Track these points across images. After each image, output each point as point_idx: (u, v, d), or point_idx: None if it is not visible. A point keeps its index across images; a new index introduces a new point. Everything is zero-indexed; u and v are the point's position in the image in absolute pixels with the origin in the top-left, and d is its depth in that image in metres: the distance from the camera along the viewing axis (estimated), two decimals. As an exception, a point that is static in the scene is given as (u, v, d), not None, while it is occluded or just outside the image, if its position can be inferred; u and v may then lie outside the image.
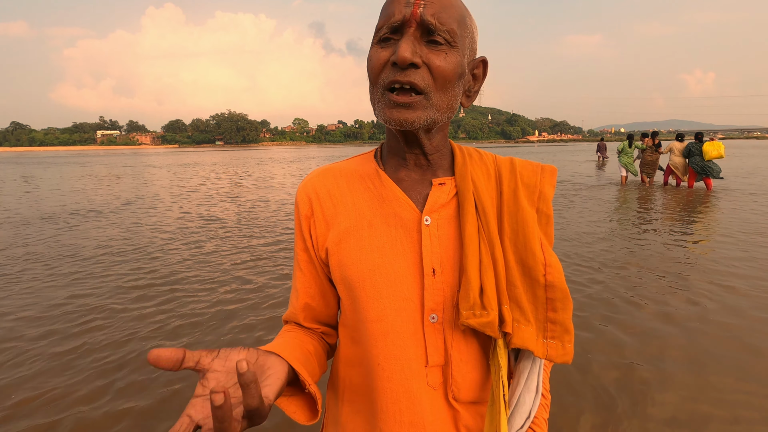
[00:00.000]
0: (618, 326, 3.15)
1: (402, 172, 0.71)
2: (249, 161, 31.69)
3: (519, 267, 0.66)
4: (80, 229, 7.04)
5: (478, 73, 0.69)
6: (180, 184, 14.59)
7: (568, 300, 0.65)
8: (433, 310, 0.65)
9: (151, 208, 9.20)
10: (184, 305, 3.69)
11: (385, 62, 0.61)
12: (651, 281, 4.08)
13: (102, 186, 14.33)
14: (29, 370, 2.67)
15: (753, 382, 2.44)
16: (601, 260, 4.75)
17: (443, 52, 0.60)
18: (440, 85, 0.61)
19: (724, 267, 4.41)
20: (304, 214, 0.73)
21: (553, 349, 0.64)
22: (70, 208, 9.35)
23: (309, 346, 0.72)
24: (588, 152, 36.61)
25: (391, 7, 0.60)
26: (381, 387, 0.66)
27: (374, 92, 0.64)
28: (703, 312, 3.35)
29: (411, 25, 0.59)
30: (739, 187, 10.69)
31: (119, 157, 49.41)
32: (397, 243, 0.67)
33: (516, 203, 0.69)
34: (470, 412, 0.67)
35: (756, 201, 8.50)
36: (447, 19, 0.60)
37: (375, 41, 0.63)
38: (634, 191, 10.38)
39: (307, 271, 0.76)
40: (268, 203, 9.67)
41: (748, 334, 2.99)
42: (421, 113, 0.61)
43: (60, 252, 5.53)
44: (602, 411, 2.22)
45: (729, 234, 5.78)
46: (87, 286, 4.20)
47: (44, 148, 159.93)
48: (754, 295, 3.65)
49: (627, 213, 7.62)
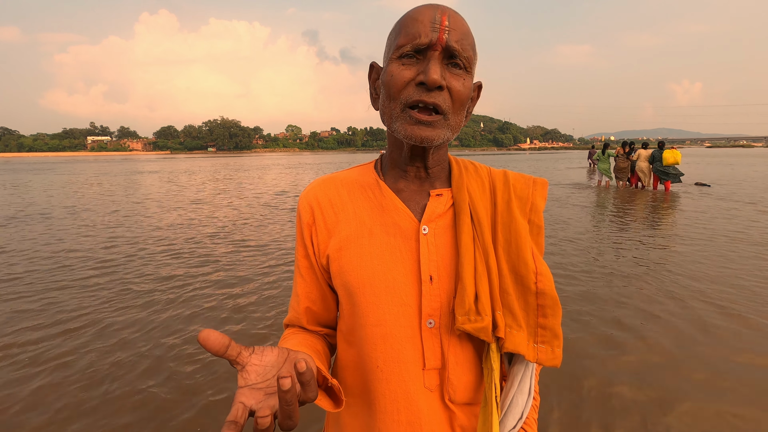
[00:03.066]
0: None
1: (401, 183, 0.74)
2: (249, 170, 30.92)
3: (512, 275, 0.68)
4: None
5: (475, 96, 0.74)
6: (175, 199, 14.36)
7: (558, 307, 0.68)
8: (431, 315, 0.67)
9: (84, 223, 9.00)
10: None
11: (409, 80, 0.64)
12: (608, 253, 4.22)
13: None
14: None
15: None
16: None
17: (462, 77, 0.65)
18: (457, 108, 0.66)
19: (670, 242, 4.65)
20: (306, 221, 0.76)
21: (543, 353, 0.66)
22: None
23: (318, 346, 0.75)
24: (579, 159, 39.87)
25: (416, 28, 0.63)
26: (380, 389, 0.69)
27: (392, 107, 0.66)
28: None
29: (437, 48, 0.62)
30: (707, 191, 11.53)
31: (101, 164, 48.98)
32: (396, 251, 0.69)
33: (509, 214, 0.72)
34: (465, 413, 0.69)
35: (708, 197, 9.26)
36: (467, 46, 0.64)
37: (394, 56, 0.65)
38: (606, 193, 12.00)
39: (308, 277, 0.78)
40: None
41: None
42: (440, 132, 0.65)
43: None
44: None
45: (683, 225, 6.24)
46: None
47: (33, 154, 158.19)
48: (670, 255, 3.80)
49: (603, 210, 8.69)
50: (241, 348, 0.52)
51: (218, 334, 0.49)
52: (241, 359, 0.52)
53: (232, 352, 0.50)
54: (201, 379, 2.64)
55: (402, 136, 0.66)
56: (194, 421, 2.26)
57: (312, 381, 0.51)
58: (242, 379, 0.52)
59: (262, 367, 0.53)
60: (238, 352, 0.51)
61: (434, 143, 0.66)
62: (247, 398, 0.50)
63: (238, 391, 0.50)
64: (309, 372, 0.49)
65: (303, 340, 0.74)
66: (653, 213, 8.46)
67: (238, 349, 0.51)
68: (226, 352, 0.49)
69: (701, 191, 11.68)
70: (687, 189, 12.24)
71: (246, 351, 0.52)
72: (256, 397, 0.50)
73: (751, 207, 8.84)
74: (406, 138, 0.65)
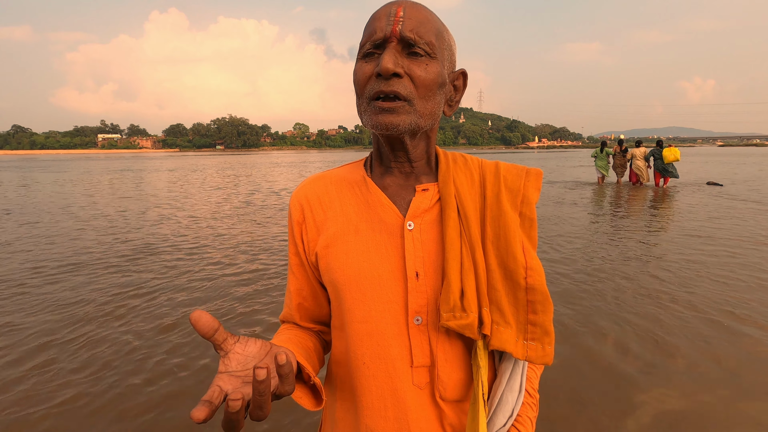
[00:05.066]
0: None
1: (387, 178, 0.74)
2: (261, 168, 30.59)
3: (500, 270, 0.67)
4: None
5: (459, 84, 0.73)
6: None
7: (549, 303, 0.66)
8: (417, 312, 0.67)
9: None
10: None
11: (369, 75, 0.65)
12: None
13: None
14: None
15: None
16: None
17: (424, 63, 0.64)
18: (422, 93, 0.65)
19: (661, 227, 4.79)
20: (296, 220, 0.77)
21: (532, 351, 0.65)
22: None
23: (309, 343, 0.76)
24: (589, 157, 38.33)
25: (373, 25, 0.65)
26: (366, 385, 0.69)
27: (361, 103, 0.68)
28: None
29: (392, 40, 0.64)
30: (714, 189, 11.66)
31: (111, 161, 49.16)
32: (381, 247, 0.69)
33: (498, 207, 0.70)
34: (455, 410, 0.68)
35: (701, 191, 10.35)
36: (425, 33, 0.64)
37: (359, 57, 0.67)
38: (605, 189, 12.72)
39: (299, 274, 0.79)
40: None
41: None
42: (405, 117, 0.64)
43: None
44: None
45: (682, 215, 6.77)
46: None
47: (45, 152, 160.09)
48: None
49: (600, 204, 9.40)
50: (227, 335, 0.53)
51: (209, 317, 0.50)
52: (226, 345, 0.53)
53: (219, 337, 0.52)
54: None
55: (370, 127, 0.67)
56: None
57: (290, 375, 0.51)
58: (223, 365, 0.53)
59: (244, 357, 0.54)
60: (224, 338, 0.53)
61: (400, 129, 0.65)
62: (225, 383, 0.51)
63: (217, 376, 0.52)
64: (288, 365, 0.50)
65: (293, 337, 0.74)
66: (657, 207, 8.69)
67: (225, 335, 0.53)
68: (213, 335, 0.51)
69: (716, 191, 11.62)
70: (701, 188, 12.34)
71: (231, 339, 0.54)
72: (233, 384, 0.52)
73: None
74: (373, 128, 0.66)
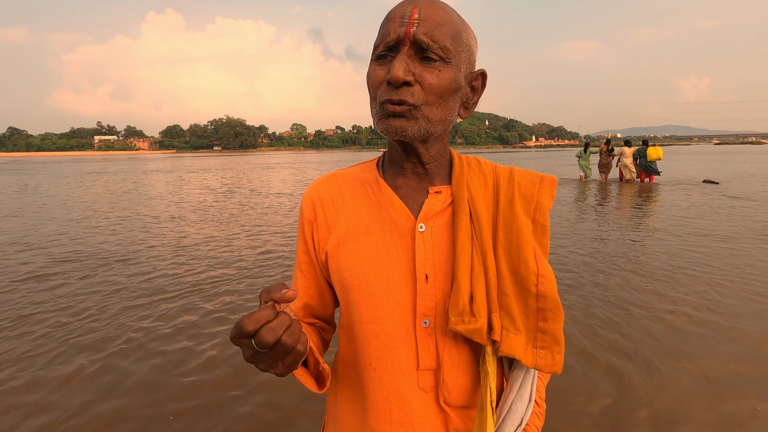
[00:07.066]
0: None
1: (400, 180, 0.73)
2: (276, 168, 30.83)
3: (511, 276, 0.66)
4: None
5: (477, 85, 0.71)
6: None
7: (560, 311, 0.65)
8: (426, 315, 0.66)
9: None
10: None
11: (382, 80, 0.64)
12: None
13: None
14: None
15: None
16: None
17: (437, 69, 0.62)
18: (433, 100, 0.63)
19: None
20: (307, 218, 0.77)
21: (542, 359, 0.65)
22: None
23: (314, 337, 0.76)
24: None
25: (387, 26, 0.63)
26: (372, 387, 0.69)
27: (373, 106, 0.67)
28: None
29: (405, 43, 0.62)
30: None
31: (107, 162, 49.13)
32: (392, 248, 0.69)
33: (512, 213, 0.70)
34: (461, 416, 0.68)
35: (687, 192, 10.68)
36: (440, 37, 0.62)
37: (373, 58, 0.66)
38: (591, 186, 13.25)
39: (308, 273, 0.79)
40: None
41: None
42: (414, 123, 0.63)
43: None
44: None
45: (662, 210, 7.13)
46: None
47: (41, 154, 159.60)
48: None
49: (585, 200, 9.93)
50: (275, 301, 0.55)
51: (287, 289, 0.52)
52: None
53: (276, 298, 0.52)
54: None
55: (381, 131, 0.66)
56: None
57: (297, 325, 0.52)
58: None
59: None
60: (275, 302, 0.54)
61: (409, 135, 0.64)
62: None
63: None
64: (292, 293, 0.51)
65: (303, 326, 0.75)
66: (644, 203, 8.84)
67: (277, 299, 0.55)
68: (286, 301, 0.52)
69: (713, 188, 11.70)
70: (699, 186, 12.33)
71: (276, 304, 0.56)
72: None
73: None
74: (382, 132, 0.66)
